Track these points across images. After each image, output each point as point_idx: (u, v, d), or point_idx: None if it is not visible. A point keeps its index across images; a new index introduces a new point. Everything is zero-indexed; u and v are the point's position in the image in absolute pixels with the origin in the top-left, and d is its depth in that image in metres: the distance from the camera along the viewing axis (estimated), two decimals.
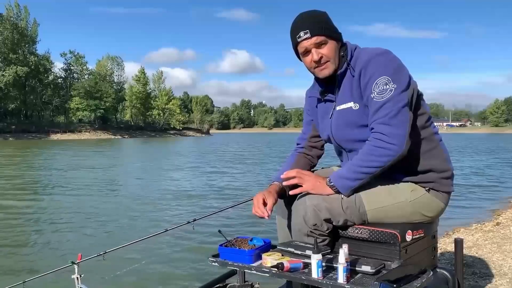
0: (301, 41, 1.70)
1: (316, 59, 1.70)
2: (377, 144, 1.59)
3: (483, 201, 8.60)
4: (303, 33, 1.69)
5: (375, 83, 1.62)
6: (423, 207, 1.71)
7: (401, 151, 1.58)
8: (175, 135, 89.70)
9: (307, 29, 1.68)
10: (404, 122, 1.58)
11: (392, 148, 1.57)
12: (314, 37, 1.68)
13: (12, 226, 6.74)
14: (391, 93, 1.59)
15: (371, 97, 1.63)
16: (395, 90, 1.59)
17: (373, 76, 1.63)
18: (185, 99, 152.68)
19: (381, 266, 1.49)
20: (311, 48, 1.70)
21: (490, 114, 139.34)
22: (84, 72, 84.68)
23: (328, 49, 1.70)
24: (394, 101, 1.58)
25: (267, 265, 1.56)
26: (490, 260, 3.49)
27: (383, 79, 1.61)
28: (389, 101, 1.59)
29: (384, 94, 1.59)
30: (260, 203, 1.75)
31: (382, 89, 1.60)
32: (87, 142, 50.56)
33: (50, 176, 13.86)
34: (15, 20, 71.31)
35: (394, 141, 1.57)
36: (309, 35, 1.68)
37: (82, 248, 4.97)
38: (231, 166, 17.66)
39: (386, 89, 1.60)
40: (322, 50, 1.70)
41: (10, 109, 71.88)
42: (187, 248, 5.25)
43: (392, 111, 1.58)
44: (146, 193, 10.19)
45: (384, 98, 1.59)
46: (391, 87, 1.60)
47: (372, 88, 1.62)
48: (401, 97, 1.60)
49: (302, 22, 1.71)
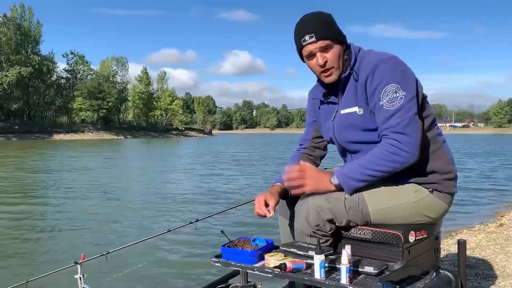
0: (306, 45, 1.68)
1: (321, 63, 1.69)
2: (391, 149, 1.58)
3: (486, 202, 8.58)
4: (308, 37, 1.66)
5: (383, 90, 1.61)
6: (426, 208, 1.71)
7: (412, 160, 1.59)
8: (177, 136, 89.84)
9: (312, 33, 1.66)
10: (417, 130, 1.59)
11: (405, 156, 1.57)
12: (320, 41, 1.66)
13: (16, 226, 6.76)
14: (401, 101, 1.59)
15: (379, 104, 1.62)
16: (405, 98, 1.59)
17: (381, 83, 1.62)
18: (187, 99, 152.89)
19: (384, 267, 1.49)
20: (316, 52, 1.69)
21: (493, 114, 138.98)
22: (87, 73, 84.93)
23: (333, 53, 1.69)
24: (405, 109, 1.58)
25: (270, 266, 1.55)
26: (493, 261, 3.48)
27: (392, 86, 1.60)
28: (401, 109, 1.58)
29: (395, 102, 1.59)
30: (262, 204, 1.75)
31: (392, 97, 1.60)
32: (90, 143, 50.67)
33: (54, 177, 13.89)
34: (19, 20, 71.62)
35: (408, 149, 1.57)
36: (315, 39, 1.66)
37: (85, 248, 4.99)
38: (232, 168, 17.67)
39: (396, 97, 1.59)
40: (327, 54, 1.68)
41: (13, 110, 72.14)
42: (189, 249, 5.26)
43: (404, 120, 1.58)
44: (148, 194, 10.20)
45: (395, 107, 1.59)
46: (401, 95, 1.59)
47: (380, 96, 1.62)
48: (411, 104, 1.60)
49: (307, 25, 1.69)
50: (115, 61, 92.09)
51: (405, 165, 1.59)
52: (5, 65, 67.69)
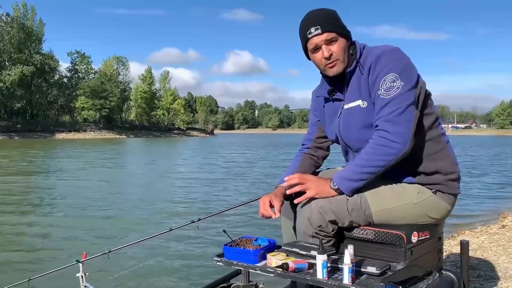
0: (311, 37, 1.69)
1: (327, 56, 1.69)
2: (381, 142, 1.57)
3: (489, 203, 8.56)
4: (314, 29, 1.67)
5: (383, 79, 1.61)
6: (429, 209, 1.70)
7: (404, 150, 1.57)
8: (179, 135, 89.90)
9: (318, 25, 1.67)
10: (410, 120, 1.57)
11: (396, 146, 1.56)
12: (325, 34, 1.67)
13: (18, 224, 6.78)
14: (398, 90, 1.58)
15: (378, 93, 1.62)
16: (402, 88, 1.58)
17: (381, 72, 1.62)
18: (189, 99, 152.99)
19: (387, 267, 1.48)
20: (321, 45, 1.69)
21: (496, 116, 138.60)
22: (90, 71, 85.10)
23: (338, 47, 1.69)
24: (401, 98, 1.57)
25: (272, 265, 1.55)
26: (495, 262, 3.47)
27: (391, 76, 1.60)
28: (396, 98, 1.57)
29: (391, 91, 1.58)
30: (267, 205, 1.74)
31: (389, 86, 1.59)
32: (92, 142, 50.74)
33: (56, 176, 13.93)
34: (21, 19, 71.76)
35: (398, 139, 1.55)
36: (320, 31, 1.67)
37: (87, 247, 5.00)
38: (234, 168, 17.67)
39: (394, 86, 1.59)
40: (333, 47, 1.68)
41: (16, 109, 72.31)
42: (191, 248, 5.26)
43: (398, 109, 1.56)
44: (151, 193, 10.22)
45: (390, 95, 1.58)
46: (399, 84, 1.58)
47: (379, 85, 1.61)
48: (408, 95, 1.58)
49: (313, 18, 1.70)
50: (115, 61, 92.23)
51: (399, 156, 1.57)
52: (8, 63, 67.86)
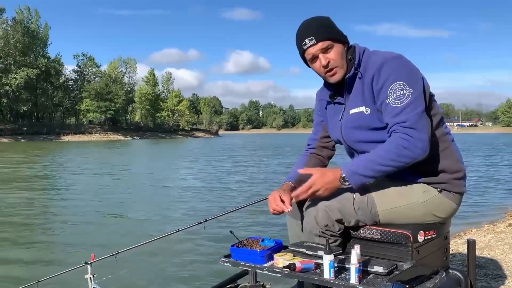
0: (307, 48, 1.71)
1: (324, 64, 1.71)
2: (403, 143, 1.58)
3: (495, 201, 8.51)
4: (308, 40, 1.70)
5: (390, 88, 1.62)
6: (435, 208, 1.71)
7: (423, 155, 1.59)
8: (184, 136, 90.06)
9: (311, 36, 1.69)
10: (426, 126, 1.60)
11: (416, 151, 1.57)
12: (320, 43, 1.69)
13: (26, 226, 6.83)
14: (409, 98, 1.60)
15: (386, 102, 1.63)
16: (412, 95, 1.60)
17: (388, 81, 1.63)
18: (194, 100, 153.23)
19: (393, 267, 1.49)
20: (318, 54, 1.71)
21: (502, 114, 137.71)
22: (95, 74, 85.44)
23: (335, 53, 1.70)
24: (414, 106, 1.59)
25: (279, 266, 1.56)
26: (502, 261, 3.46)
27: (399, 84, 1.61)
28: (408, 106, 1.59)
29: (402, 99, 1.60)
30: (278, 200, 1.74)
31: (399, 94, 1.60)
32: (97, 144, 50.95)
33: (63, 177, 14.01)
34: (26, 23, 72.15)
35: (420, 144, 1.57)
36: (314, 41, 1.69)
37: (95, 248, 5.03)
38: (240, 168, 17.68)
39: (404, 94, 1.60)
40: (329, 54, 1.70)
41: (21, 111, 72.79)
42: (198, 249, 5.28)
43: (414, 116, 1.58)
44: (157, 194, 10.25)
45: (403, 103, 1.60)
46: (408, 92, 1.60)
47: (387, 94, 1.62)
48: (419, 101, 1.61)
49: (306, 29, 1.72)
50: (122, 63, 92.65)
51: (415, 160, 1.59)
52: (13, 67, 68.29)
